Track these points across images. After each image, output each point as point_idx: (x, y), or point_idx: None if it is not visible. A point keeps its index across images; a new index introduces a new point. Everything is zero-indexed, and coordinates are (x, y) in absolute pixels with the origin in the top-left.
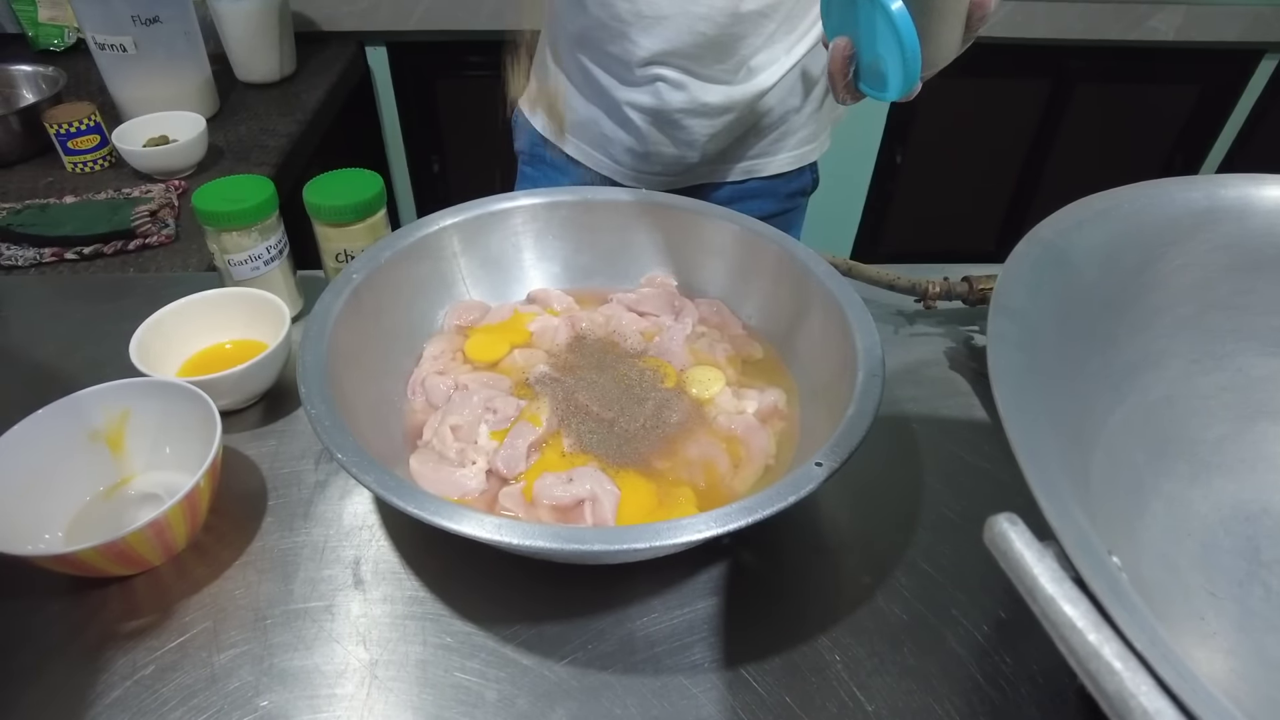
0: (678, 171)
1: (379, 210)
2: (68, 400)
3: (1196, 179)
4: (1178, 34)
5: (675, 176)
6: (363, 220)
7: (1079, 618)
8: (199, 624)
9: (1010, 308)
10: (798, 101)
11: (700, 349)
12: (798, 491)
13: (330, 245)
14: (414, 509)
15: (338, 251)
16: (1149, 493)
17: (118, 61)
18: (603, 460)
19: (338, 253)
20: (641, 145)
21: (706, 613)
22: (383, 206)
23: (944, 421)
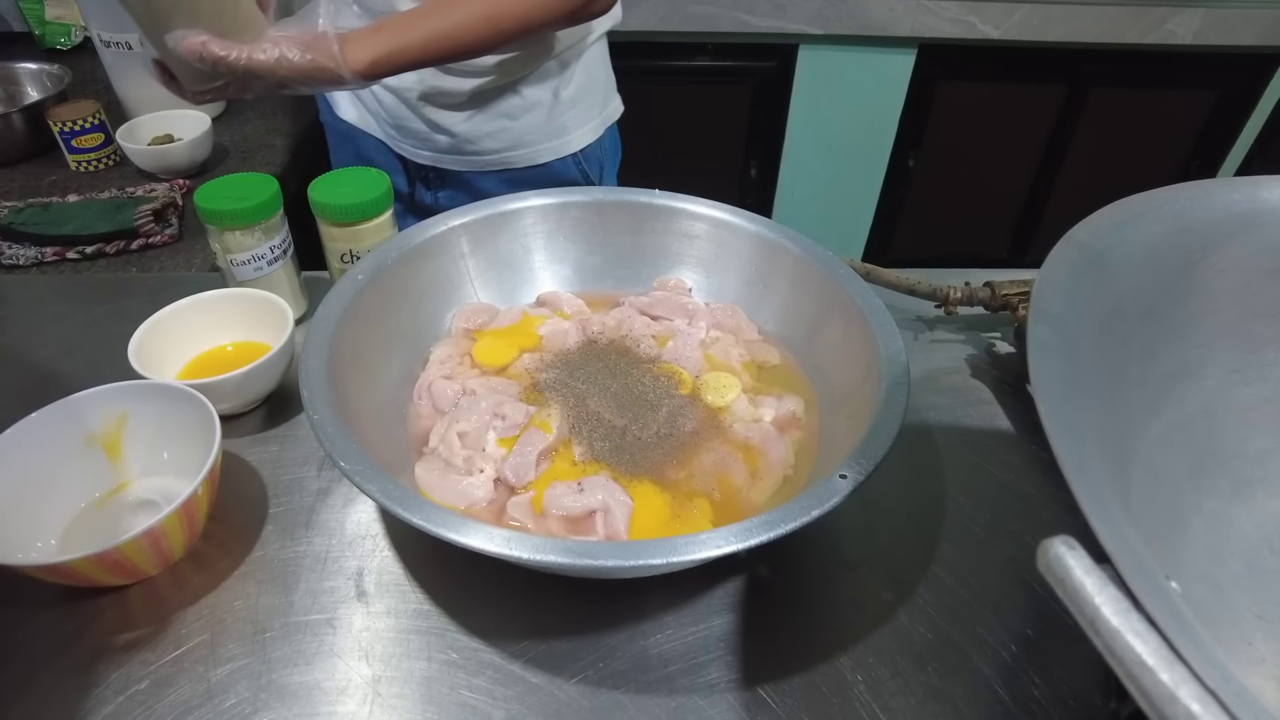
0: (439, 148)
1: (385, 210)
2: (64, 403)
3: (1237, 180)
4: (1195, 37)
5: (436, 154)
6: (369, 220)
7: (1149, 654)
8: (196, 636)
9: (1050, 313)
10: (537, 98)
11: (715, 354)
12: (822, 505)
13: (335, 245)
14: (419, 520)
15: (343, 252)
16: (1189, 510)
17: (123, 59)
18: (615, 469)
19: (343, 253)
20: (391, 119)
21: (722, 630)
22: (390, 206)
23: (966, 431)
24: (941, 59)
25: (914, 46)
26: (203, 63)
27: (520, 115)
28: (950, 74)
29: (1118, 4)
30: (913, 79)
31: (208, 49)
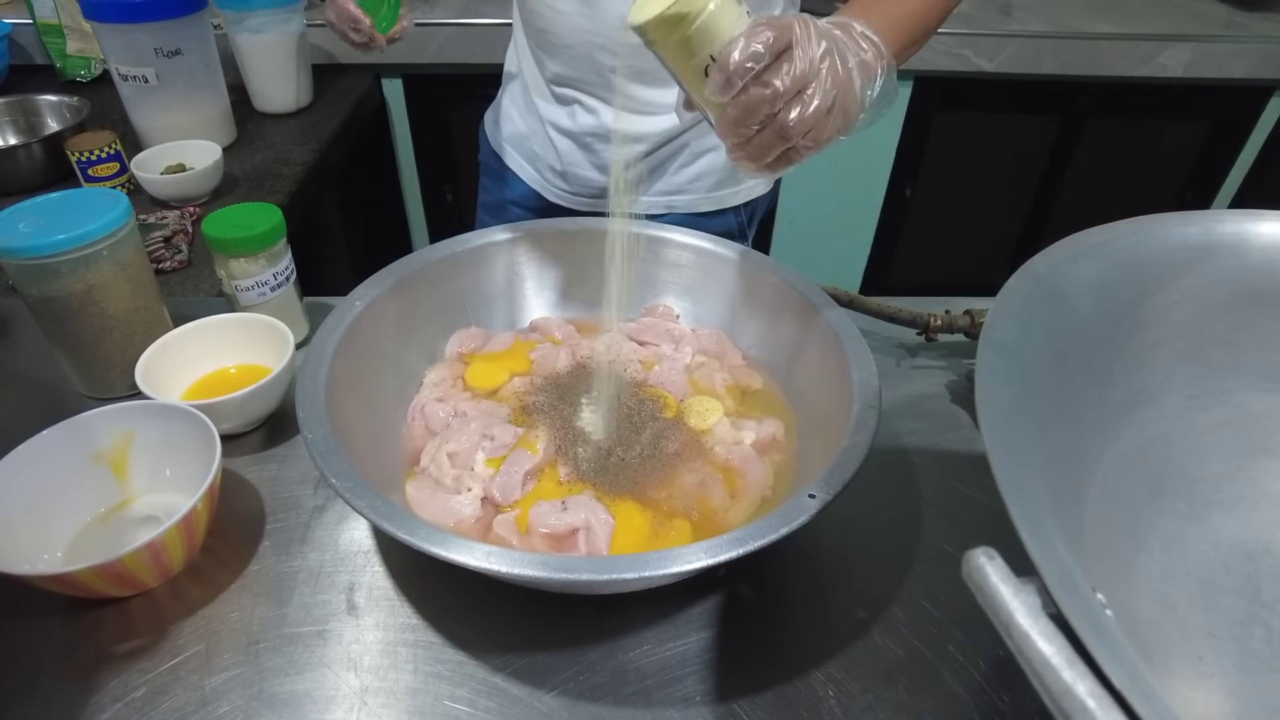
0: (594, 194)
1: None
2: (72, 421)
3: (1193, 214)
4: (1186, 70)
5: (593, 199)
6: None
7: (1053, 654)
8: (192, 646)
9: (1000, 341)
10: (715, 140)
11: (699, 379)
12: (790, 523)
13: None
14: (405, 535)
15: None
16: (1146, 530)
17: (140, 92)
18: (599, 489)
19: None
20: (560, 164)
21: (700, 645)
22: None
23: (944, 455)
24: (937, 91)
25: (910, 78)
26: (731, 82)
27: (696, 159)
28: (946, 105)
29: (1109, 38)
30: (909, 110)
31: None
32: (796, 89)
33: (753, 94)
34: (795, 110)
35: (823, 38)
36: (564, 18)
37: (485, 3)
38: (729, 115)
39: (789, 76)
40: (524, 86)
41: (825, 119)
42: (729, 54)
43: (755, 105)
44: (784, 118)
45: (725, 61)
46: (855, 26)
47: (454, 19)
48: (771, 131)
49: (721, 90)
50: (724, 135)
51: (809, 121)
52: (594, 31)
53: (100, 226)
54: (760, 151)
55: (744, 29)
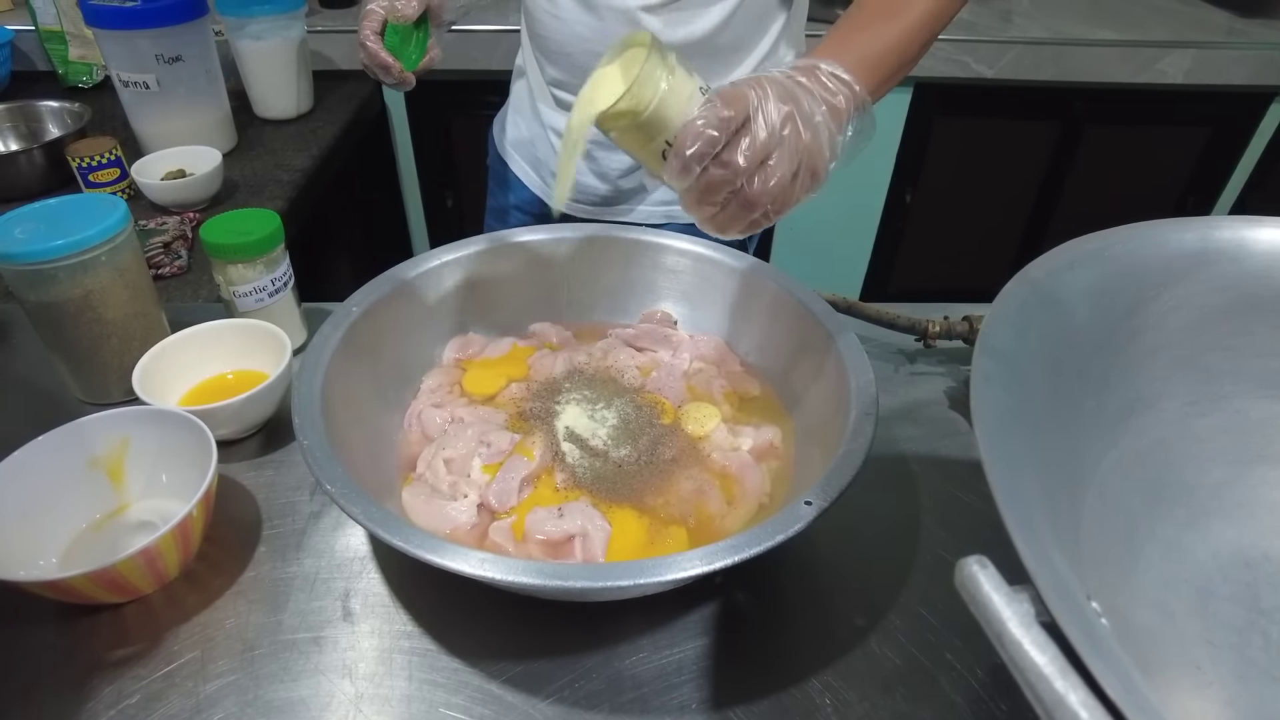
0: (594, 202)
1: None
2: (69, 427)
3: (1191, 220)
4: (1186, 77)
5: (594, 206)
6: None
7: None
8: (187, 653)
9: (996, 348)
10: None
11: (697, 385)
12: (785, 530)
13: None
14: (400, 542)
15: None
16: (1144, 538)
17: (141, 98)
18: (595, 496)
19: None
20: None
21: (696, 653)
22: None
23: (942, 461)
24: (937, 97)
25: (910, 85)
26: (688, 167)
27: None
28: (946, 111)
29: (1109, 45)
30: (909, 116)
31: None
32: (757, 161)
33: (713, 175)
34: (757, 181)
35: (783, 100)
36: (564, 25)
37: (486, 10)
38: (691, 195)
39: (748, 152)
40: (529, 92)
41: (791, 186)
42: (683, 141)
43: (716, 185)
44: (747, 191)
45: (680, 148)
46: (822, 68)
47: (455, 26)
48: (737, 205)
49: (680, 176)
50: (688, 210)
51: (773, 192)
52: (592, 39)
53: (98, 232)
54: (728, 224)
55: (697, 109)
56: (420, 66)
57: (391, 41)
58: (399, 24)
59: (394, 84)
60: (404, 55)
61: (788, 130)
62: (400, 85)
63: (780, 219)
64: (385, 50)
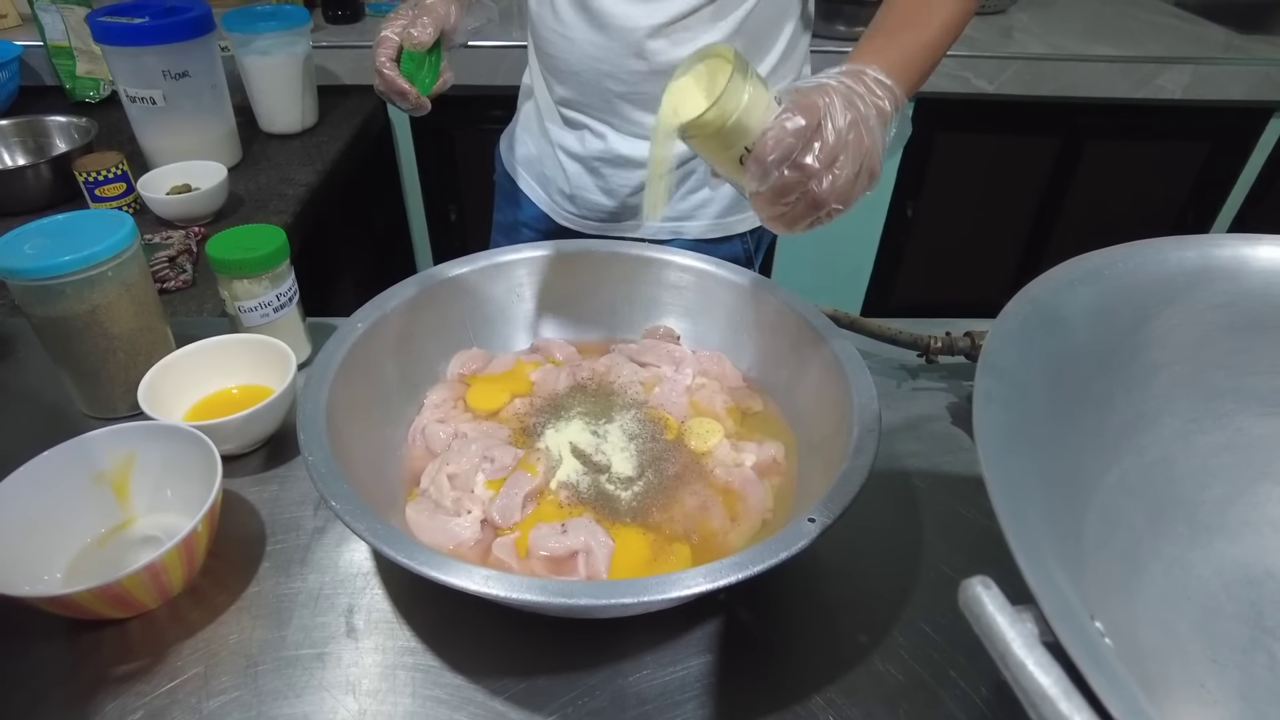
0: (601, 218)
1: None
2: (74, 442)
3: (1190, 238)
4: (1185, 92)
5: (601, 223)
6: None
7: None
8: (190, 669)
9: (998, 366)
10: None
11: (700, 400)
12: (789, 547)
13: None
14: (404, 558)
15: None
16: (1147, 555)
17: (147, 113)
18: (598, 512)
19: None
20: (569, 187)
21: (699, 670)
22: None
23: (945, 477)
24: (938, 111)
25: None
26: (768, 172)
27: (703, 185)
28: (947, 126)
29: (1107, 60)
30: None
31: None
32: (828, 164)
33: (788, 178)
34: (826, 182)
35: (847, 108)
36: (573, 45)
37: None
38: (766, 196)
39: (820, 155)
40: (536, 109)
41: (853, 184)
42: (764, 149)
43: (791, 187)
44: (816, 191)
45: (762, 155)
46: (869, 73)
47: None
48: (805, 204)
49: (760, 181)
50: (759, 211)
51: (840, 191)
52: (601, 59)
53: (105, 248)
54: (794, 221)
55: (774, 117)
56: (434, 90)
57: (407, 68)
58: (414, 50)
59: (410, 109)
60: (418, 80)
61: (852, 135)
62: (416, 110)
63: (839, 217)
64: (401, 77)
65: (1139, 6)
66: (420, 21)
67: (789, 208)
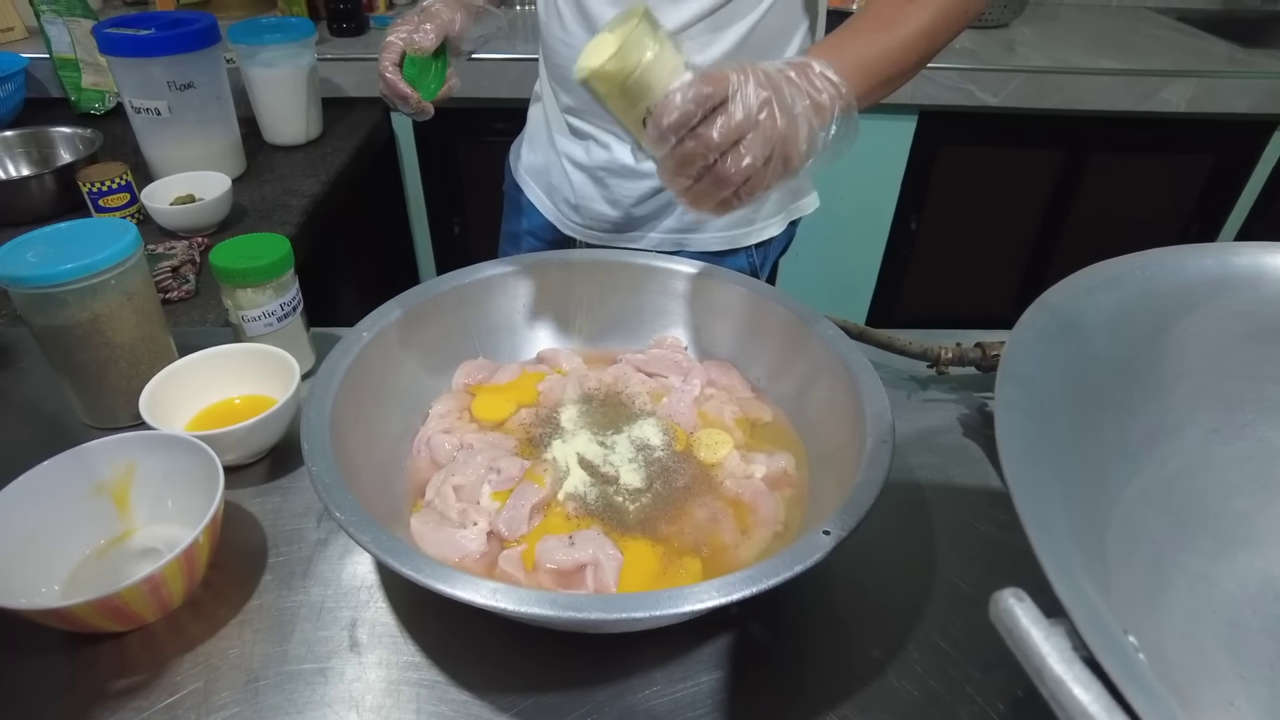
0: (606, 229)
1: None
2: (74, 452)
3: (1208, 246)
4: (1189, 105)
5: (606, 234)
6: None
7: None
8: (190, 684)
9: (1018, 375)
10: None
11: (708, 411)
12: (804, 561)
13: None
14: (410, 571)
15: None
16: (1170, 568)
17: (152, 124)
18: (607, 524)
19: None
20: (574, 197)
21: (711, 686)
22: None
23: (957, 490)
24: (942, 124)
25: (915, 113)
26: (664, 136)
27: None
28: (951, 139)
29: (1111, 74)
30: (914, 144)
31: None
32: (731, 140)
33: (687, 147)
34: (730, 160)
35: (763, 88)
36: (576, 53)
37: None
38: (668, 165)
39: (723, 130)
40: (545, 119)
41: (763, 169)
42: (661, 110)
43: (690, 157)
44: (720, 168)
45: (658, 116)
46: (814, 67)
47: (474, 55)
48: (709, 180)
49: (657, 143)
50: (665, 181)
51: (745, 172)
52: None
53: (108, 256)
54: (701, 198)
55: (681, 83)
56: (439, 96)
57: (410, 72)
58: (417, 55)
59: (412, 113)
60: (422, 85)
61: (764, 115)
62: (418, 115)
63: (751, 202)
64: (404, 81)
65: (1141, 20)
66: (423, 28)
67: (692, 181)
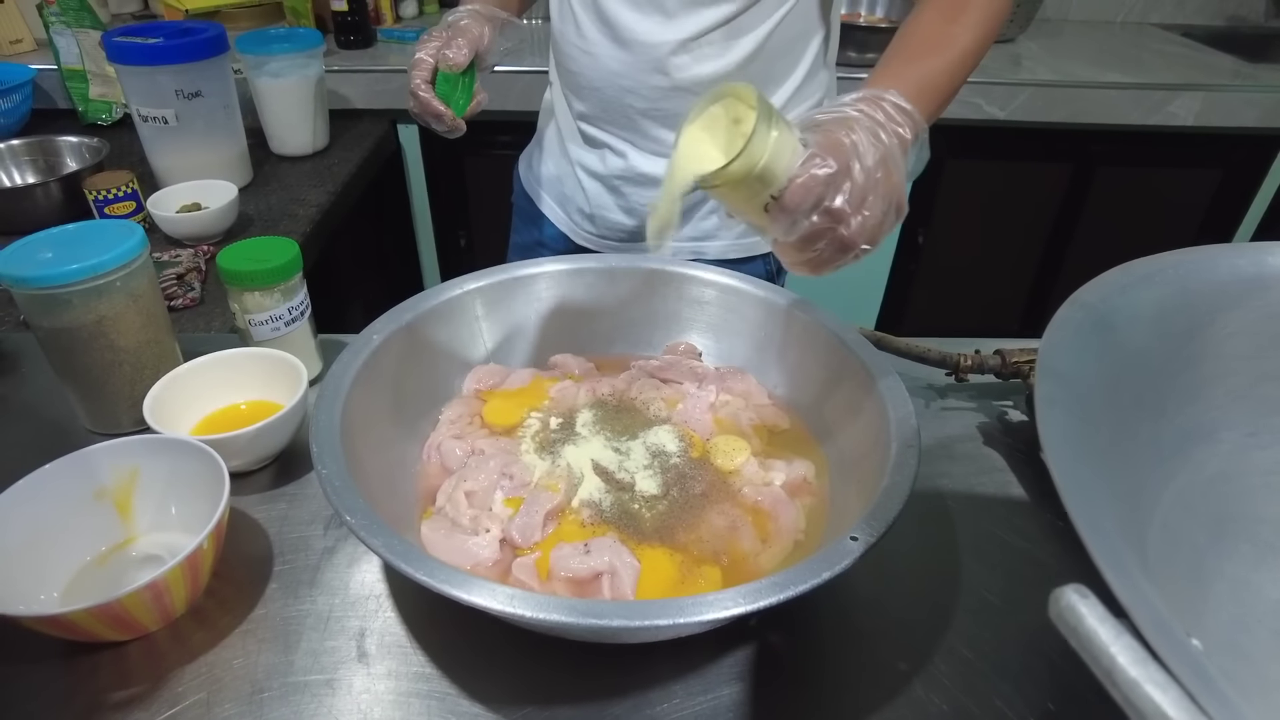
0: (621, 238)
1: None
2: (76, 455)
3: (1244, 246)
4: (1197, 119)
5: (620, 243)
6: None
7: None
8: (192, 695)
9: (1057, 371)
10: None
11: (724, 418)
12: (832, 567)
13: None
14: (423, 576)
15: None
16: (1211, 575)
17: (159, 133)
18: (623, 532)
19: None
20: (589, 206)
21: (731, 700)
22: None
23: (979, 499)
24: (950, 138)
25: None
26: (798, 222)
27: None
28: (959, 152)
29: (1119, 87)
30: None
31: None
32: (857, 206)
33: (818, 225)
34: (854, 224)
35: (873, 143)
36: (594, 60)
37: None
38: (794, 243)
39: (850, 199)
40: (557, 130)
41: (882, 223)
42: (794, 198)
43: (820, 234)
44: (845, 234)
45: (791, 206)
46: (888, 99)
47: (497, 68)
48: (833, 248)
49: (788, 230)
50: (785, 258)
51: (870, 232)
52: (623, 75)
53: (114, 257)
54: (823, 265)
55: (800, 162)
56: (469, 111)
57: (442, 89)
58: (450, 71)
59: (445, 131)
60: (453, 101)
61: (880, 174)
62: (452, 132)
63: (865, 258)
64: (437, 98)
65: (1146, 37)
66: (455, 43)
67: (817, 253)
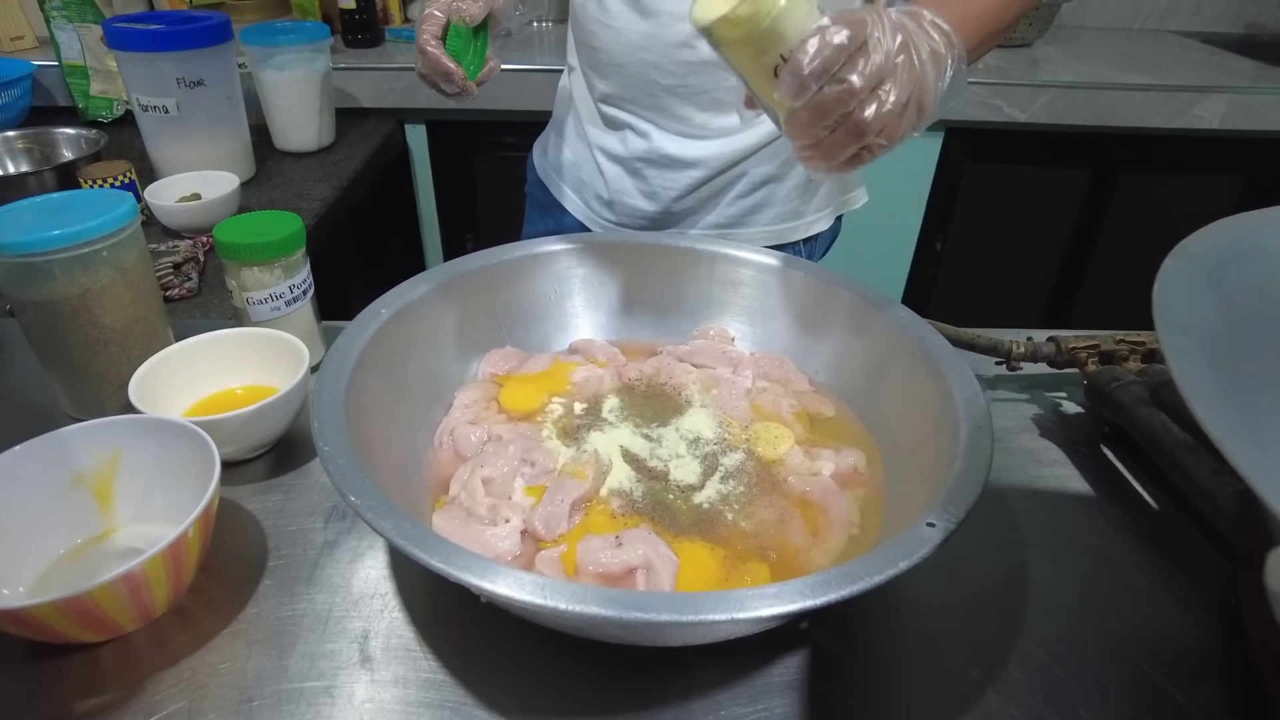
0: (642, 225)
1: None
2: (51, 437)
3: None
4: (1222, 122)
5: (639, 230)
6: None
7: None
8: (172, 703)
9: (1178, 322)
10: (775, 170)
11: (763, 404)
12: (910, 556)
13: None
14: (439, 563)
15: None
16: None
17: (160, 123)
18: (657, 523)
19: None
20: (608, 192)
21: (783, 712)
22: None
23: (1040, 494)
24: (968, 142)
25: (941, 129)
26: (806, 84)
27: (755, 189)
28: (977, 157)
29: (1143, 89)
30: (940, 162)
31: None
32: (872, 86)
33: (827, 94)
34: (871, 108)
35: (897, 30)
36: (618, 34)
37: (511, 50)
38: (800, 116)
39: (865, 74)
40: (575, 114)
41: (900, 115)
42: (802, 55)
43: (830, 106)
44: (859, 116)
45: (798, 63)
46: (925, 15)
47: (509, 34)
48: (845, 131)
49: (795, 94)
50: (794, 136)
51: (885, 119)
52: (648, 49)
53: (100, 225)
54: (832, 151)
55: (815, 26)
56: (480, 76)
57: (454, 46)
58: (462, 27)
59: (455, 93)
60: (464, 61)
61: (901, 59)
62: (463, 95)
63: (884, 153)
64: (448, 55)
65: (1164, 42)
66: None
67: (827, 133)
